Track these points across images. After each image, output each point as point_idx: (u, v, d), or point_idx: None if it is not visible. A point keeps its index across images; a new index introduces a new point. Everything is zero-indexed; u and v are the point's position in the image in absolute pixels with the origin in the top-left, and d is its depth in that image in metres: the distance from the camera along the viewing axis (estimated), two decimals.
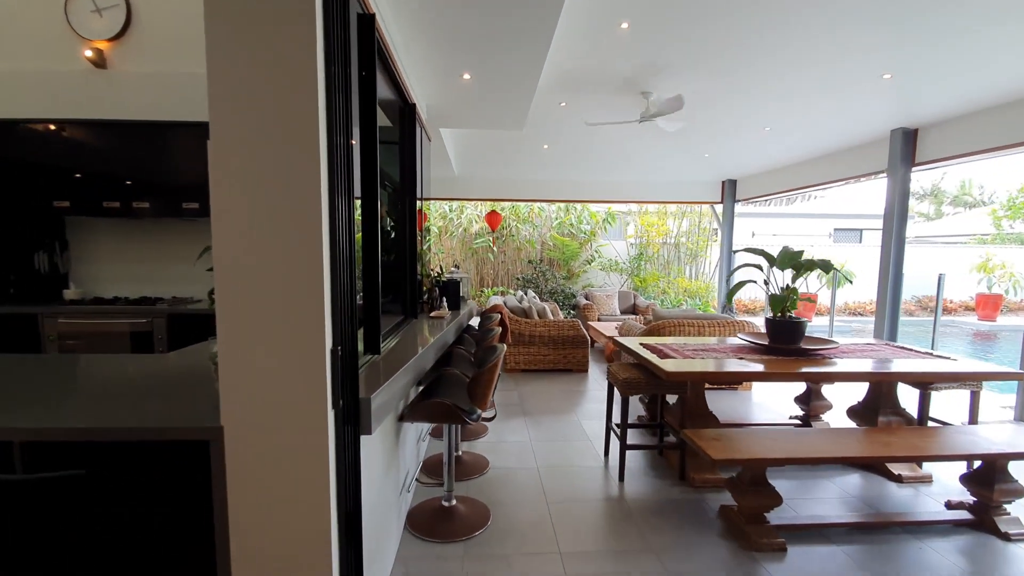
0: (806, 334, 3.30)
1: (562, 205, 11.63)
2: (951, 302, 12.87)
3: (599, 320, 8.00)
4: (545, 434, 3.92)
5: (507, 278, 11.88)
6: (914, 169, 5.44)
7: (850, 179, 6.32)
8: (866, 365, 2.96)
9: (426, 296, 4.06)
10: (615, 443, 3.54)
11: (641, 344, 3.45)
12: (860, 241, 15.46)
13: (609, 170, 8.52)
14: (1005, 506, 2.57)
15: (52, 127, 3.49)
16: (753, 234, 14.26)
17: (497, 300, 6.84)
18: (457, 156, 7.58)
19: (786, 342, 3.26)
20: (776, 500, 2.44)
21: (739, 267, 3.58)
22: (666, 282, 11.35)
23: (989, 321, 11.13)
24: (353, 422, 1.46)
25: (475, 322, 4.84)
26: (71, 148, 3.55)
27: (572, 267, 11.55)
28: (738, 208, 9.60)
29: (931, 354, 3.28)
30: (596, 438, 3.82)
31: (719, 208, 9.84)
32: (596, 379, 5.69)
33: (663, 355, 3.08)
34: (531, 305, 6.07)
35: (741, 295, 10.78)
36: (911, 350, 3.43)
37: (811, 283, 10.40)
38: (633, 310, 8.64)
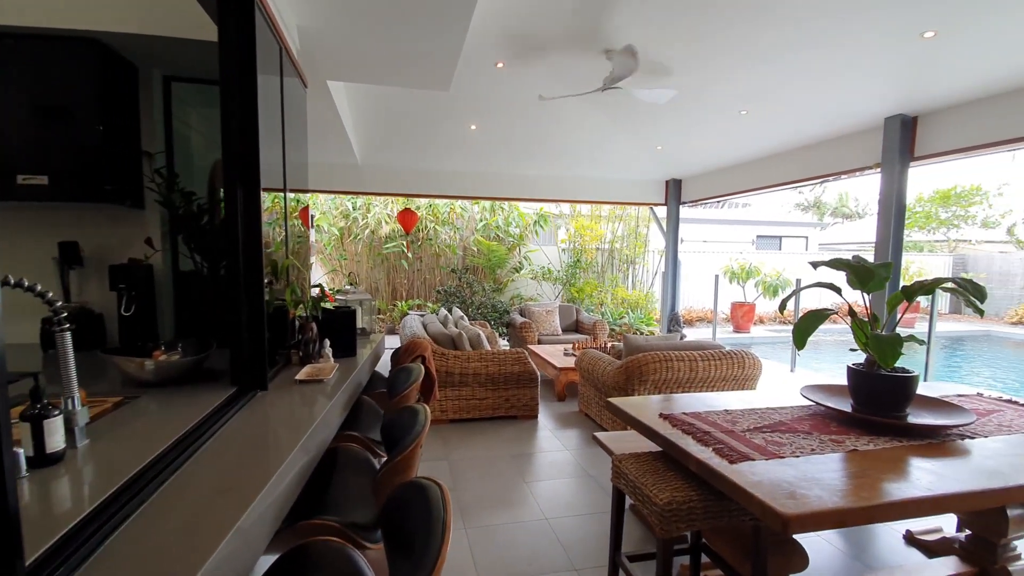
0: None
1: (487, 205, 10.21)
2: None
3: (540, 343, 6.64)
4: (502, 558, 2.42)
5: (425, 288, 10.23)
6: (913, 164, 4.65)
7: (828, 176, 5.49)
8: None
9: (299, 336, 2.42)
10: None
11: (663, 418, 2.07)
12: (780, 248, 15.63)
13: (544, 163, 7.25)
14: None
15: None
16: (682, 240, 13.74)
17: (414, 322, 5.25)
18: (359, 137, 5.88)
19: (887, 410, 2.04)
20: None
21: (799, 289, 2.34)
22: (603, 292, 10.30)
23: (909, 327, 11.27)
24: None
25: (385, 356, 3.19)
26: None
27: (499, 275, 10.15)
28: (662, 212, 8.77)
29: None
30: (583, 561, 2.40)
31: (660, 211, 8.96)
32: (550, 429, 4.28)
33: (723, 447, 1.72)
34: (461, 331, 4.54)
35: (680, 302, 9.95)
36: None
37: (748, 291, 9.77)
38: (576, 327, 7.39)
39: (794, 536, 2.02)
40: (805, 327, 2.11)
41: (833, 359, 9.21)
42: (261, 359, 1.82)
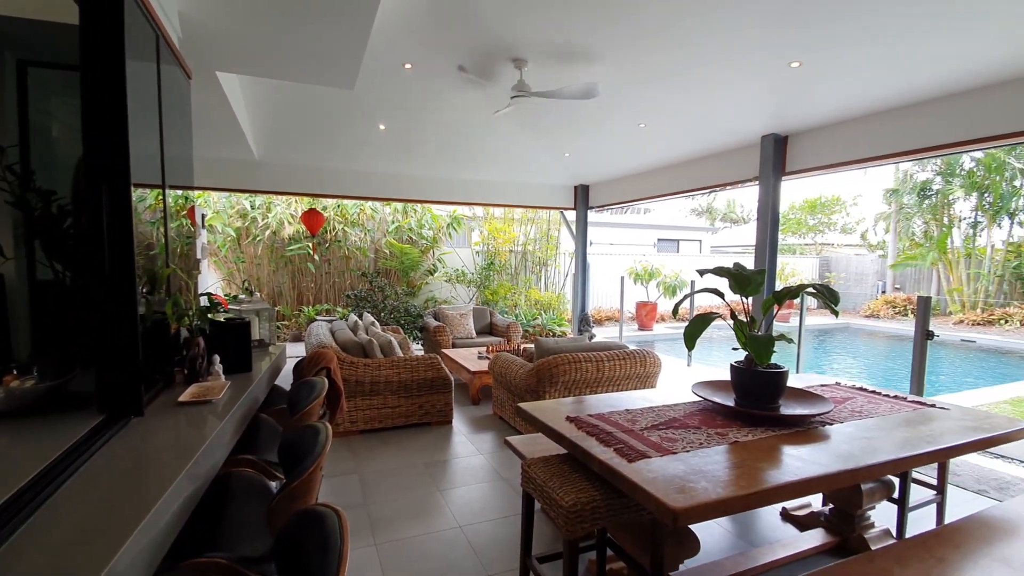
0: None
1: (399, 206, 9.98)
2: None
3: (454, 346, 6.61)
4: (414, 572, 2.38)
5: (334, 292, 9.79)
6: (784, 178, 5.20)
7: (716, 187, 6.00)
8: (916, 438, 2.09)
9: (184, 353, 2.21)
10: None
11: (570, 420, 2.15)
12: (678, 251, 16.84)
13: (456, 166, 7.23)
14: None
15: None
16: (591, 242, 14.34)
17: (321, 329, 4.99)
18: (256, 132, 5.51)
19: (764, 403, 2.27)
20: None
21: (691, 293, 2.53)
22: (517, 294, 10.47)
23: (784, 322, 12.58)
24: None
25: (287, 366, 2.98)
26: None
27: (412, 279, 9.97)
28: (572, 216, 9.14)
29: (921, 403, 2.57)
30: (496, 566, 2.42)
31: (570, 215, 9.28)
32: (464, 434, 4.28)
33: (623, 447, 1.83)
34: (371, 338, 4.40)
35: (592, 301, 10.37)
36: (874, 392, 2.75)
37: (651, 291, 10.39)
38: (491, 330, 7.45)
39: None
40: (693, 330, 2.29)
41: (724, 353, 10.07)
42: (135, 381, 1.64)
